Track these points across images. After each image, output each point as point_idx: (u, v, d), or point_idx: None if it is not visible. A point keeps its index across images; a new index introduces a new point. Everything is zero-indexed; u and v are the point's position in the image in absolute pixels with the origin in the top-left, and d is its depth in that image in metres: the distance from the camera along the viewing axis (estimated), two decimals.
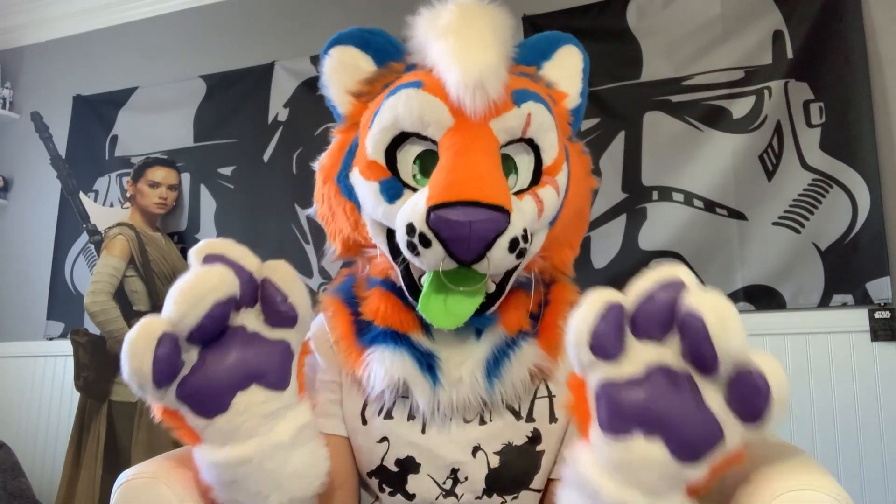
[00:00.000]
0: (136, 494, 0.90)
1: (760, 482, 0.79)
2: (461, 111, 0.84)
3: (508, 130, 0.87)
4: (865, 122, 2.03)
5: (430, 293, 0.85)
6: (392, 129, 0.87)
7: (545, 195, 0.89)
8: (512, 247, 0.81)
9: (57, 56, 3.27)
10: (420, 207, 0.81)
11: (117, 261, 2.48)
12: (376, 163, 0.88)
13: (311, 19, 2.81)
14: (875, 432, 1.92)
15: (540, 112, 0.89)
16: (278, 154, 2.74)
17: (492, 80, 0.83)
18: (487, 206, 0.79)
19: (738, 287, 2.09)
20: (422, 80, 0.88)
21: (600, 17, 2.35)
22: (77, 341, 2.50)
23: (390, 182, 0.87)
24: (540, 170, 0.90)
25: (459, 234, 0.78)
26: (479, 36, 0.85)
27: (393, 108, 0.87)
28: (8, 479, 2.46)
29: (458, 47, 0.84)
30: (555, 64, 1.02)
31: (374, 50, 0.98)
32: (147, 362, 0.74)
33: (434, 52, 0.86)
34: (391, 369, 0.89)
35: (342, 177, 0.95)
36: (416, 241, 0.81)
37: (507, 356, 0.91)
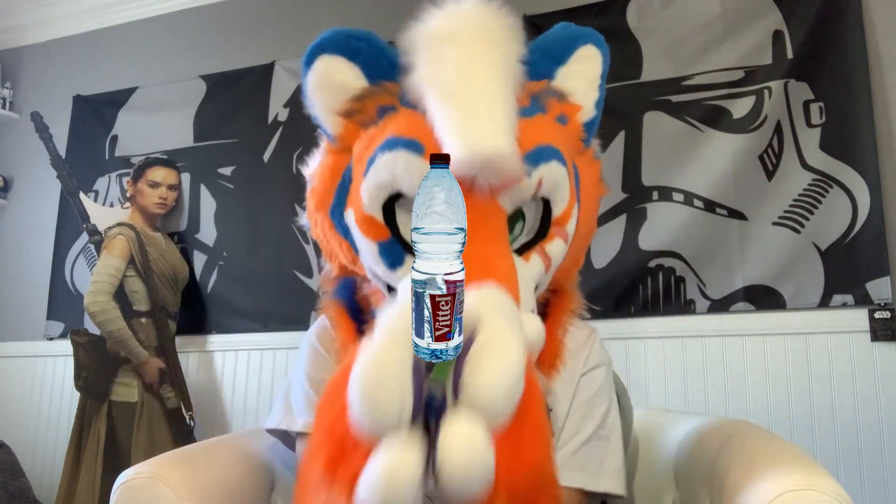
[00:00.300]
0: (136, 494, 0.90)
1: (760, 482, 0.79)
2: (467, 187, 0.77)
3: (518, 199, 0.83)
4: (865, 122, 2.03)
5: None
6: (389, 188, 0.82)
7: (552, 249, 0.87)
8: None
9: (57, 56, 3.27)
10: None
11: (117, 261, 2.48)
12: (374, 219, 0.84)
13: (311, 19, 2.81)
14: (875, 432, 1.92)
15: (552, 172, 0.84)
16: (278, 154, 2.74)
17: (502, 161, 0.76)
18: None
19: (738, 287, 2.09)
20: (422, 144, 0.80)
21: (600, 17, 2.35)
22: (77, 341, 2.50)
23: (389, 245, 0.84)
24: (548, 221, 0.86)
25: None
26: (486, 103, 0.78)
27: (390, 169, 0.81)
28: (8, 479, 2.46)
29: (465, 124, 0.76)
30: (570, 70, 0.95)
31: (364, 61, 0.89)
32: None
33: (436, 120, 0.79)
34: None
35: (336, 213, 0.91)
36: None
37: None
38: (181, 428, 2.47)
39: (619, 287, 2.20)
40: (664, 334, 2.16)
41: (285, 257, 2.65)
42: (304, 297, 2.59)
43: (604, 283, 2.19)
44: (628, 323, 2.18)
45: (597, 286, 2.18)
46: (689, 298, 2.14)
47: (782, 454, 0.86)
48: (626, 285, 2.19)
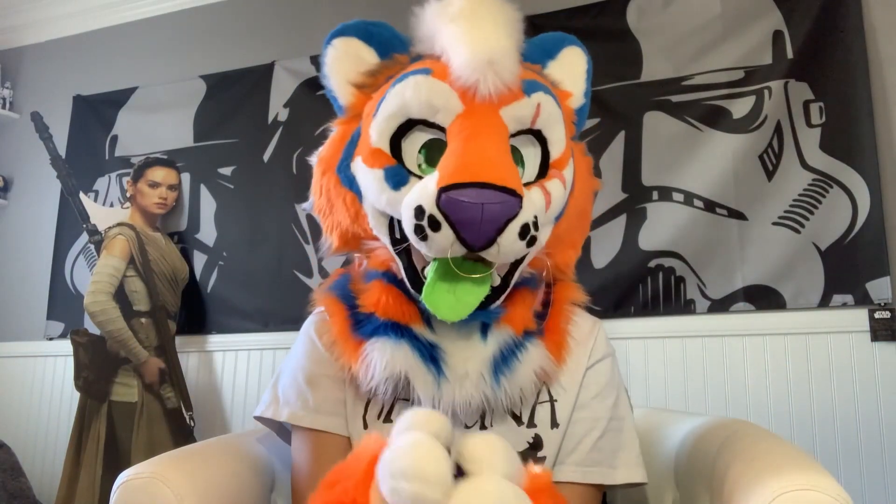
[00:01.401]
0: (136, 494, 0.90)
1: (760, 482, 0.79)
2: (471, 98, 0.83)
3: (518, 119, 0.85)
4: (865, 122, 2.03)
5: (435, 282, 0.82)
6: (398, 116, 0.85)
7: (552, 188, 0.88)
8: (523, 233, 0.79)
9: (57, 56, 3.27)
10: (430, 189, 0.79)
11: (117, 261, 2.48)
12: (381, 150, 0.86)
13: (311, 19, 2.81)
14: (875, 432, 1.92)
15: (549, 103, 0.88)
16: (278, 154, 2.74)
17: (503, 61, 0.82)
18: (500, 189, 0.77)
19: (738, 287, 2.09)
20: (430, 68, 0.86)
21: (600, 17, 2.36)
22: (77, 341, 2.50)
23: (395, 169, 0.85)
24: (547, 163, 0.89)
25: (471, 216, 0.76)
26: (491, 20, 0.83)
27: (400, 95, 0.85)
28: (8, 479, 2.47)
29: (469, 29, 0.82)
30: (559, 64, 1.01)
31: (378, 42, 0.96)
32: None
33: (444, 37, 0.85)
34: (392, 360, 0.87)
35: (343, 167, 0.93)
36: (424, 224, 0.78)
37: (516, 356, 0.89)
38: (181, 428, 2.47)
39: (619, 287, 2.20)
40: (664, 334, 2.16)
41: (285, 257, 2.65)
42: (304, 297, 2.56)
43: (604, 283, 2.19)
44: (628, 323, 2.18)
45: (597, 286, 2.18)
46: (689, 298, 2.14)
47: (782, 454, 0.86)
48: (626, 285, 2.19)
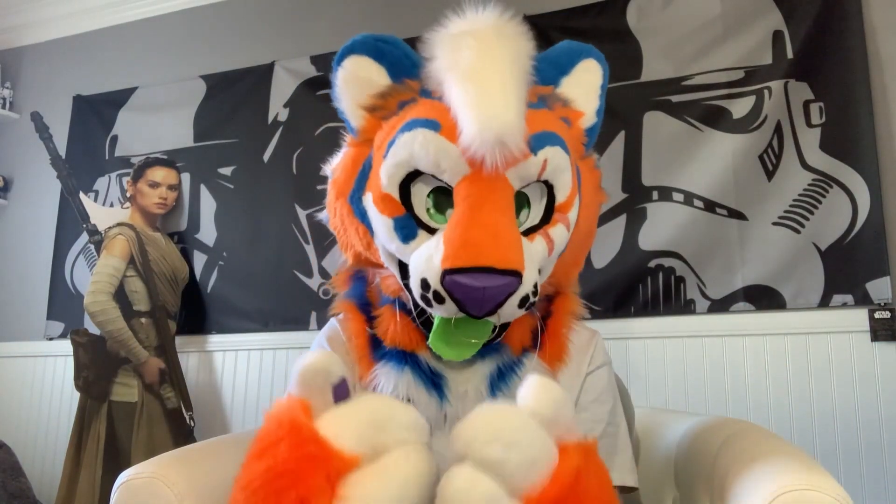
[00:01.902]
0: (136, 494, 0.90)
1: (760, 482, 0.79)
2: (478, 164, 0.85)
3: (524, 177, 0.88)
4: (865, 122, 2.03)
5: (438, 336, 0.89)
6: (406, 165, 0.88)
7: (555, 234, 0.91)
8: (522, 303, 0.84)
9: (57, 56, 3.27)
10: (435, 265, 0.83)
11: (117, 261, 2.48)
12: (391, 197, 0.89)
13: (311, 19, 2.81)
14: (875, 432, 1.92)
15: (556, 156, 0.89)
16: (278, 154, 2.74)
17: (511, 137, 0.83)
18: (501, 273, 0.80)
19: (738, 287, 2.09)
20: (439, 122, 0.87)
21: (600, 17, 2.35)
22: (77, 341, 2.50)
23: (404, 220, 0.88)
24: (552, 207, 0.91)
25: (473, 297, 0.81)
26: (500, 83, 0.84)
27: (408, 147, 0.87)
28: (8, 479, 2.47)
29: (478, 96, 0.83)
30: (573, 80, 1.01)
31: (389, 62, 0.96)
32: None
33: (453, 98, 0.86)
34: (396, 389, 0.93)
35: (355, 198, 0.96)
36: (430, 296, 0.83)
37: (514, 372, 0.94)
38: (181, 428, 2.47)
39: (619, 287, 2.20)
40: (664, 334, 2.16)
41: (285, 257, 2.65)
42: (304, 297, 2.59)
43: (604, 283, 2.19)
44: (628, 323, 2.18)
45: (597, 286, 2.19)
46: (689, 298, 2.14)
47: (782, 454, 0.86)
48: (626, 285, 2.19)
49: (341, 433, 0.74)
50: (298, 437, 0.73)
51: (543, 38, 2.34)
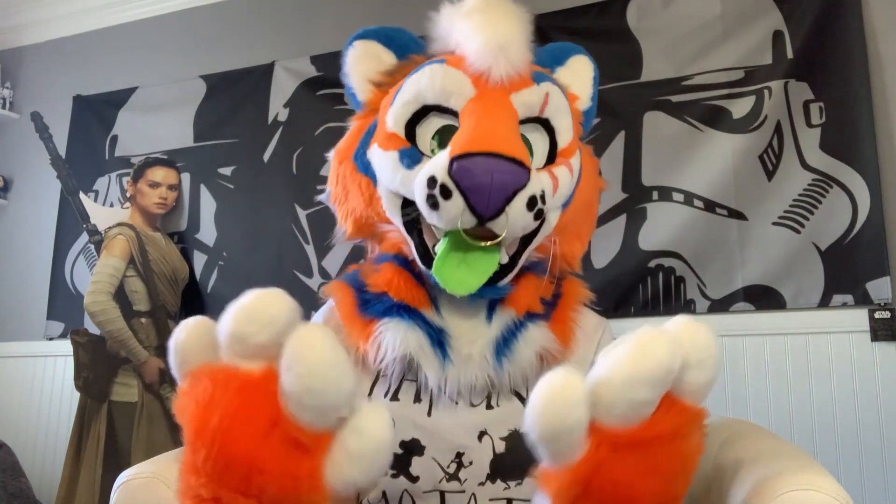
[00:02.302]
0: (136, 494, 0.90)
1: (760, 482, 0.79)
2: (483, 83, 0.87)
3: (527, 105, 0.89)
4: (865, 122, 2.02)
5: (445, 255, 0.86)
6: (414, 102, 0.90)
7: (560, 173, 0.92)
8: (530, 205, 0.83)
9: (57, 56, 3.26)
10: (442, 160, 0.83)
11: (117, 261, 2.48)
12: (396, 134, 0.91)
13: (311, 19, 2.81)
14: (875, 432, 1.92)
15: (557, 94, 0.92)
16: (278, 154, 2.74)
17: (514, 46, 0.86)
18: (509, 160, 0.81)
19: (738, 287, 2.09)
20: (445, 58, 0.91)
21: (600, 17, 2.35)
22: (77, 341, 2.50)
23: (409, 150, 0.89)
24: (554, 152, 0.93)
25: (481, 182, 0.80)
26: (502, 13, 0.89)
27: (416, 83, 0.90)
28: (8, 479, 2.46)
29: (482, 21, 0.87)
30: (567, 70, 1.06)
31: (397, 46, 1.01)
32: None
33: (458, 31, 0.90)
34: (405, 341, 0.90)
35: (359, 154, 0.97)
36: (436, 192, 0.82)
37: (516, 336, 0.92)
38: (181, 428, 2.47)
39: (619, 287, 2.19)
40: None
41: (285, 257, 2.65)
42: (304, 297, 2.55)
43: (604, 283, 2.19)
44: (628, 323, 2.18)
45: (597, 286, 2.15)
46: (689, 298, 2.14)
47: (782, 454, 0.86)
48: (626, 285, 2.19)
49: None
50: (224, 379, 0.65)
51: (543, 38, 2.34)
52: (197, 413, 0.64)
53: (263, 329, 0.65)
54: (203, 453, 0.63)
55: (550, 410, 0.65)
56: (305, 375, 0.62)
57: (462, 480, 0.93)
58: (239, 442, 0.62)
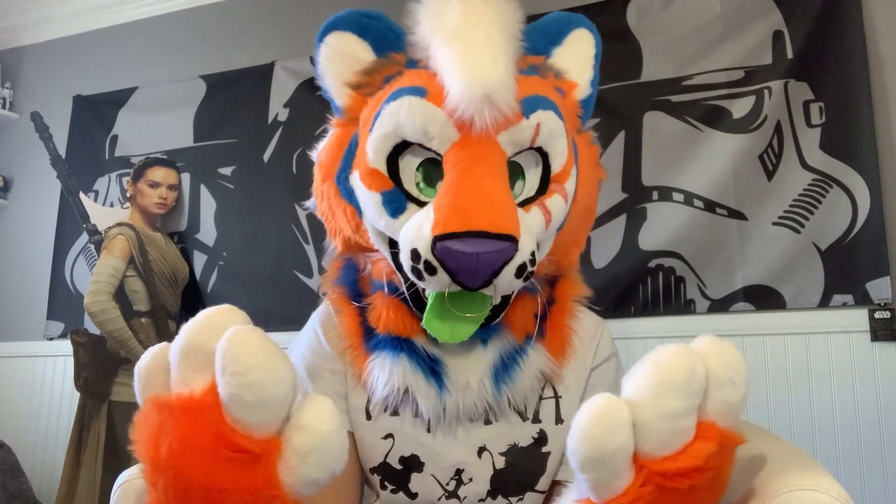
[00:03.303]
0: (136, 494, 0.90)
1: (760, 482, 0.79)
2: (467, 127, 0.80)
3: (516, 143, 0.84)
4: (865, 122, 2.02)
5: (433, 314, 0.83)
6: (393, 136, 0.84)
7: (552, 205, 0.87)
8: (519, 272, 0.79)
9: (57, 56, 3.26)
10: (425, 233, 0.78)
11: (117, 261, 2.48)
12: (378, 171, 0.85)
13: (311, 19, 2.80)
14: (875, 432, 1.92)
15: (549, 120, 0.85)
16: (278, 154, 2.73)
17: (500, 93, 0.79)
18: (495, 237, 0.76)
19: (738, 287, 2.09)
20: (425, 88, 0.83)
21: (600, 17, 2.35)
22: (77, 341, 2.50)
23: (393, 194, 0.84)
24: (548, 177, 0.87)
25: (466, 265, 0.76)
26: (487, 41, 0.80)
27: (394, 116, 0.83)
28: (8, 479, 2.46)
29: (465, 54, 0.79)
30: (565, 50, 0.98)
31: (373, 37, 0.93)
32: None
33: (439, 59, 0.82)
34: (392, 377, 0.88)
35: (342, 178, 0.92)
36: (421, 267, 0.78)
37: (517, 362, 0.90)
38: None
39: (619, 287, 2.19)
40: (664, 334, 2.16)
41: (285, 257, 2.65)
42: (304, 297, 2.58)
43: (604, 283, 2.19)
44: (628, 323, 2.18)
45: (597, 286, 2.15)
46: (689, 298, 2.14)
47: (782, 454, 0.86)
48: (626, 285, 2.19)
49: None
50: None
51: None
52: (149, 444, 0.64)
53: (214, 336, 0.64)
54: (161, 482, 0.62)
55: (594, 433, 0.64)
56: (241, 373, 0.61)
57: (461, 498, 0.92)
58: (192, 466, 0.62)
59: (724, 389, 0.68)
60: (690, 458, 0.65)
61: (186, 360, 0.65)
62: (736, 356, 0.70)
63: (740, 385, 0.69)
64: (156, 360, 0.68)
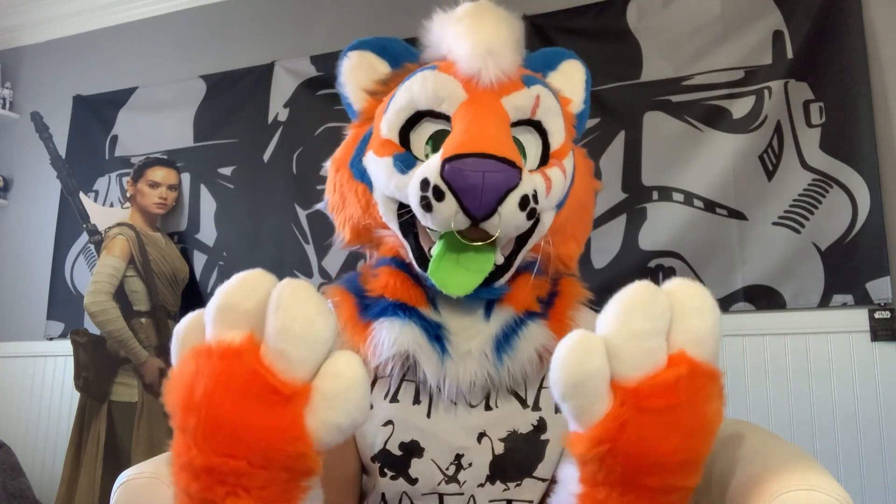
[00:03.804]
0: (136, 494, 0.90)
1: (760, 482, 0.79)
2: (474, 87, 0.89)
3: (518, 108, 0.91)
4: (865, 122, 2.02)
5: (440, 257, 0.86)
6: (407, 109, 0.92)
7: (553, 174, 0.93)
8: (523, 204, 0.84)
9: (57, 56, 3.27)
10: (435, 163, 0.85)
11: (117, 261, 2.48)
12: (390, 140, 0.92)
13: (311, 19, 2.81)
14: (875, 432, 1.92)
15: (548, 97, 0.94)
16: (278, 154, 2.74)
17: (502, 50, 0.88)
18: (500, 160, 0.81)
19: (738, 287, 2.09)
20: (437, 64, 0.93)
21: (600, 17, 2.35)
22: (77, 341, 2.50)
23: (403, 156, 0.91)
24: (547, 153, 0.94)
25: (473, 183, 0.81)
26: (492, 18, 0.91)
27: (408, 90, 0.92)
28: (8, 479, 2.46)
29: (471, 25, 0.90)
30: (559, 74, 1.07)
31: (390, 55, 1.03)
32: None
33: (449, 36, 0.92)
34: (400, 337, 0.91)
35: (355, 162, 0.99)
36: (429, 194, 0.83)
37: (517, 333, 0.93)
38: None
39: (619, 287, 2.17)
40: None
41: (285, 257, 2.65)
42: None
43: (604, 283, 2.16)
44: None
45: (597, 286, 2.16)
46: None
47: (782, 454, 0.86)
48: (625, 285, 2.19)
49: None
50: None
51: (543, 38, 2.34)
52: (183, 388, 0.66)
53: (250, 296, 0.69)
54: (192, 422, 0.64)
55: (571, 360, 0.68)
56: (294, 307, 0.66)
57: (461, 482, 0.93)
58: (224, 404, 0.64)
59: (691, 319, 0.70)
60: (661, 378, 0.68)
61: (221, 319, 0.68)
62: (702, 291, 0.72)
63: (707, 314, 0.70)
64: (193, 322, 0.71)
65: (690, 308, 0.71)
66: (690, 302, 0.71)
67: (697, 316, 0.70)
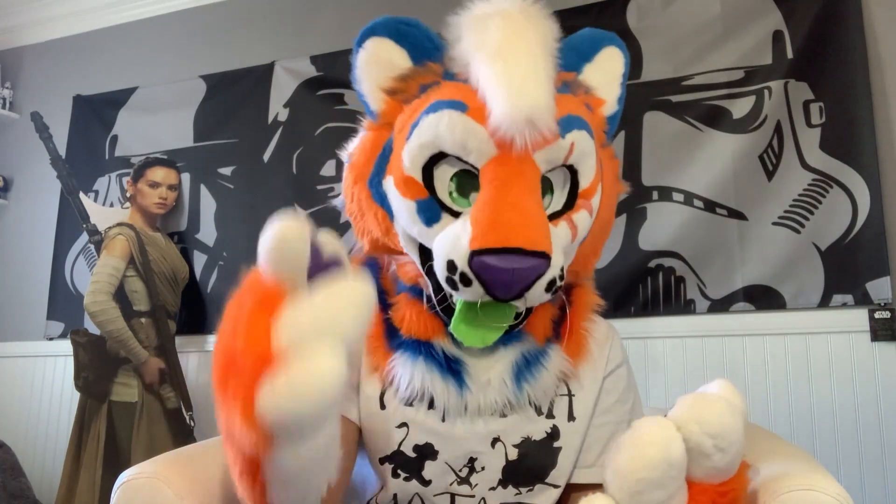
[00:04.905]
0: (136, 494, 0.90)
1: (760, 482, 0.79)
2: (507, 145, 0.83)
3: (551, 161, 0.87)
4: (865, 122, 2.02)
5: (460, 319, 0.87)
6: (431, 147, 0.86)
7: (579, 220, 0.90)
8: (549, 287, 0.83)
9: (57, 56, 3.27)
10: (462, 246, 0.81)
11: (117, 261, 2.48)
12: (413, 179, 0.87)
13: (311, 19, 2.81)
14: (875, 432, 1.92)
15: (582, 140, 0.88)
16: (278, 154, 2.74)
17: (542, 117, 0.82)
18: (530, 254, 0.79)
19: (738, 287, 2.09)
20: (465, 103, 0.85)
21: (600, 17, 2.35)
22: (77, 341, 2.50)
23: (427, 203, 0.87)
24: (576, 192, 0.90)
25: (501, 280, 0.80)
26: (529, 61, 0.83)
27: (433, 127, 0.86)
28: (8, 479, 2.47)
29: (507, 74, 0.82)
30: (595, 67, 1.01)
31: (411, 44, 0.95)
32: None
33: (481, 77, 0.84)
34: (412, 379, 0.92)
35: (375, 182, 0.94)
36: (456, 278, 0.82)
37: (540, 362, 0.94)
38: (181, 428, 2.47)
39: (619, 287, 2.19)
40: (664, 334, 2.16)
41: None
42: None
43: (604, 283, 2.17)
44: (628, 323, 2.18)
45: (597, 286, 2.18)
46: (689, 298, 2.14)
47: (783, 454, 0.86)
48: (626, 285, 2.19)
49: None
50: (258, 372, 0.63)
51: None
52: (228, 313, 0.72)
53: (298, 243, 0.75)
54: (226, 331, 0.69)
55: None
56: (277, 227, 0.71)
57: (473, 485, 0.93)
58: (240, 307, 0.72)
59: (711, 458, 0.72)
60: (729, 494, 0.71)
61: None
62: (721, 417, 0.75)
63: (728, 449, 0.73)
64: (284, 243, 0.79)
65: (708, 448, 0.76)
66: (708, 441, 0.76)
67: (717, 454, 0.76)
